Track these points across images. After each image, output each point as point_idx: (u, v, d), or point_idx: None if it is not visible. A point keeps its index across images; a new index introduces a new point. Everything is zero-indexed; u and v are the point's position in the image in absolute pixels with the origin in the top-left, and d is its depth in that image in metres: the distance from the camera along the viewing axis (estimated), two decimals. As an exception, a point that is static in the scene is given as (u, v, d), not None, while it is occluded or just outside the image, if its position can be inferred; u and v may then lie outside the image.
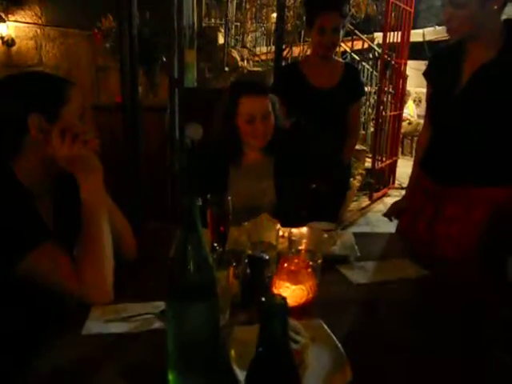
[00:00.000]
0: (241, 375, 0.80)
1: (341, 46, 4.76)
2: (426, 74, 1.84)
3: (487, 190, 1.59)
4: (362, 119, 5.98)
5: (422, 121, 7.77)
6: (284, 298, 0.49)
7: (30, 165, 1.12)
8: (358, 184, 4.70)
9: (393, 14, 5.03)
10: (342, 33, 2.24)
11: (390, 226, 2.07)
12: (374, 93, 5.80)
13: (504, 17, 1.56)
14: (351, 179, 2.41)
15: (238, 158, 1.77)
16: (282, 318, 0.46)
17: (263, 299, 0.49)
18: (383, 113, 5.29)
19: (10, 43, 4.46)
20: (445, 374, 0.90)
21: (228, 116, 1.70)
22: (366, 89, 5.97)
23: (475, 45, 1.57)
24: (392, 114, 5.42)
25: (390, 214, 1.99)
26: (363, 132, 5.97)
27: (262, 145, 1.73)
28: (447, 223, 1.65)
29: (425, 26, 7.96)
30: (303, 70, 2.30)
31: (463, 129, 1.61)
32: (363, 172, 5.04)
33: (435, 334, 1.03)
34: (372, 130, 5.76)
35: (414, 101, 8.30)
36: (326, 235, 1.29)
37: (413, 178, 1.93)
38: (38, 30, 4.50)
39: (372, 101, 5.93)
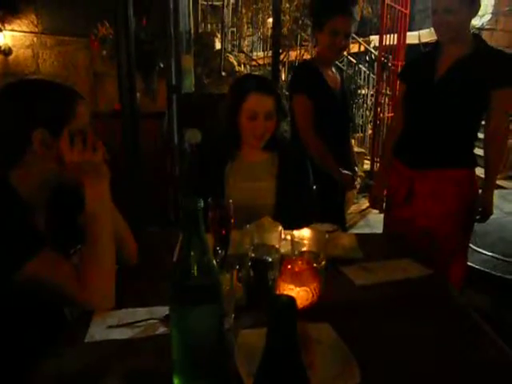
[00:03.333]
0: (247, 379, 0.79)
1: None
2: (400, 75, 2.21)
3: (451, 171, 1.89)
4: (360, 121, 6.00)
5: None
6: (292, 298, 0.48)
7: (29, 177, 1.10)
8: (358, 186, 4.69)
9: (388, 16, 5.05)
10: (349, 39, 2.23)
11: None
12: (372, 95, 5.81)
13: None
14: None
15: (235, 153, 1.76)
16: (291, 317, 0.45)
17: (271, 299, 0.48)
18: (381, 114, 5.29)
19: (6, 52, 4.46)
20: (453, 375, 0.89)
21: (231, 110, 1.69)
22: (363, 91, 6.02)
23: (451, 47, 1.85)
24: (390, 115, 5.41)
25: (374, 205, 2.29)
26: (361, 134, 5.97)
27: (258, 145, 1.73)
28: (420, 200, 1.95)
29: (420, 28, 7.99)
30: (320, 69, 2.25)
31: (435, 117, 1.88)
32: (362, 174, 5.04)
33: (443, 334, 1.02)
34: (370, 132, 5.77)
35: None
36: (328, 236, 1.28)
37: (384, 164, 2.24)
38: (35, 39, 4.50)
39: (369, 103, 5.94)
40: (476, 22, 7.17)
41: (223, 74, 5.17)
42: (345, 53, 5.63)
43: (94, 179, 1.10)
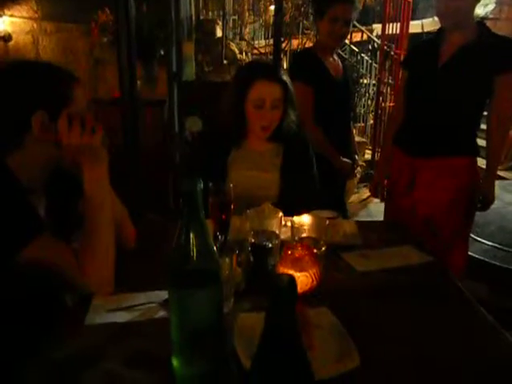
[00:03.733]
0: (246, 361, 0.79)
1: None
2: (403, 63, 2.16)
3: (453, 159, 1.89)
4: (362, 111, 5.96)
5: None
6: (293, 277, 0.47)
7: (28, 161, 1.09)
8: (358, 176, 4.68)
9: (391, 5, 5.00)
10: (350, 26, 2.23)
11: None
12: (374, 85, 5.77)
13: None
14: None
15: (240, 141, 1.74)
16: (292, 294, 0.45)
17: (273, 277, 0.48)
18: (383, 104, 5.27)
19: (6, 38, 4.43)
20: (451, 358, 0.89)
21: (237, 97, 1.65)
22: (365, 80, 5.98)
23: (454, 33, 1.84)
24: (392, 105, 5.38)
25: (375, 193, 2.27)
26: (362, 124, 5.95)
27: (263, 136, 1.70)
28: (422, 188, 1.94)
29: (423, 17, 7.92)
30: (321, 58, 2.25)
31: (438, 102, 1.87)
32: (363, 164, 5.02)
33: (443, 319, 1.02)
34: (372, 121, 5.74)
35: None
36: (328, 223, 1.28)
37: (385, 152, 2.24)
38: (35, 25, 4.46)
39: (371, 92, 5.90)
40: (480, 11, 7.09)
41: (225, 62, 5.13)
42: (347, 41, 5.61)
43: (92, 162, 1.09)
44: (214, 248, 0.73)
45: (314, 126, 2.14)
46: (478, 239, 3.44)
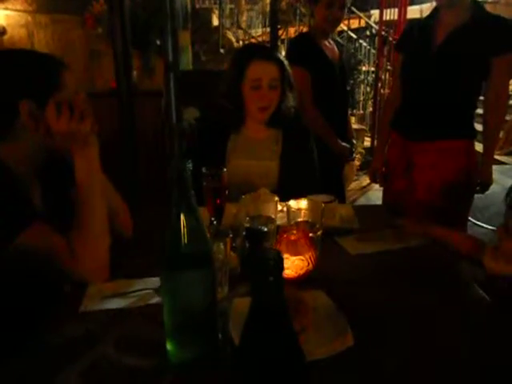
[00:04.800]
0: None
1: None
2: (397, 46, 2.14)
3: (450, 142, 1.87)
4: (361, 98, 5.93)
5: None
6: (279, 252, 0.46)
7: (18, 150, 1.08)
8: (358, 163, 4.66)
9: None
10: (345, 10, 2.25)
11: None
12: (373, 72, 5.72)
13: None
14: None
15: (238, 125, 1.71)
16: (277, 271, 0.44)
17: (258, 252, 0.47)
18: (381, 90, 5.23)
19: (1, 32, 4.39)
20: (446, 337, 0.88)
21: (234, 79, 1.64)
22: (363, 67, 5.94)
23: (448, 13, 1.82)
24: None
25: (374, 178, 2.24)
26: (361, 111, 5.91)
27: (262, 118, 1.68)
28: (420, 172, 1.93)
29: (422, 2, 7.84)
30: (318, 42, 2.25)
31: (435, 85, 1.85)
32: (363, 151, 5.01)
33: (440, 301, 1.02)
34: (371, 109, 5.70)
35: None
36: (324, 207, 1.27)
37: (383, 137, 2.21)
38: (29, 18, 4.42)
39: (370, 79, 5.86)
40: (479, -6, 7.02)
41: (221, 50, 5.10)
42: (345, 27, 5.56)
43: (82, 149, 1.08)
44: (205, 229, 0.72)
45: (313, 108, 2.13)
46: (478, 223, 3.44)
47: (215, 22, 5.30)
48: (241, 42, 5.59)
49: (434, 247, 1.29)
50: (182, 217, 0.71)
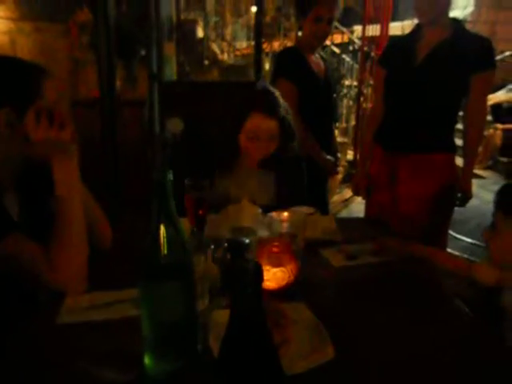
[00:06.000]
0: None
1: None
2: (380, 61, 2.15)
3: (432, 155, 1.90)
4: (344, 112, 6.00)
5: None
6: (258, 263, 0.46)
7: None
8: (340, 176, 4.70)
9: (372, 6, 5.04)
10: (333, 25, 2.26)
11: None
12: (355, 87, 5.80)
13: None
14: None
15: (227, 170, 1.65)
16: (256, 282, 0.44)
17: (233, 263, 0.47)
18: (364, 105, 5.30)
19: (-17, 38, 4.33)
20: (428, 352, 0.89)
21: (232, 128, 1.60)
22: (346, 82, 6.02)
23: (430, 30, 1.86)
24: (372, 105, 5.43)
25: (356, 191, 2.26)
26: (344, 125, 5.98)
27: (254, 166, 1.64)
28: (402, 184, 1.95)
29: (404, 19, 8.00)
30: (305, 56, 2.25)
31: (415, 101, 1.89)
32: (346, 164, 5.06)
33: (419, 314, 1.02)
34: (353, 122, 5.77)
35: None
36: (306, 219, 1.27)
37: (366, 150, 2.23)
38: (12, 25, 4.38)
39: (353, 93, 5.94)
40: (459, 13, 7.23)
41: (206, 62, 5.12)
42: (328, 42, 5.63)
43: (62, 159, 1.06)
44: (185, 239, 0.72)
45: (298, 121, 2.14)
46: (458, 236, 3.49)
47: (200, 33, 5.32)
48: (225, 54, 5.62)
49: (415, 261, 1.29)
50: (162, 227, 0.70)
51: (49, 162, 1.06)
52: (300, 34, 2.45)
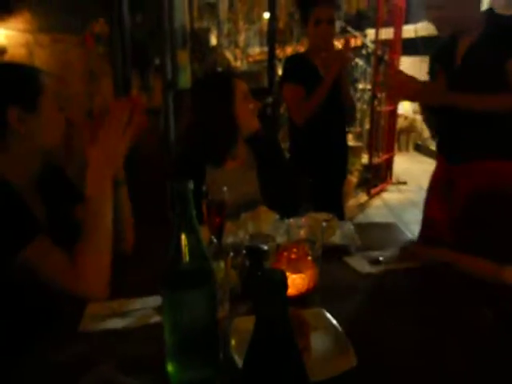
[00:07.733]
0: (241, 365, 0.77)
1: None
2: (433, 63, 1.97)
3: (489, 163, 1.69)
4: (358, 115, 5.97)
5: (417, 116, 7.76)
6: (283, 272, 0.46)
7: (13, 160, 1.10)
8: (355, 180, 4.68)
9: (385, 10, 5.03)
10: (336, 24, 2.35)
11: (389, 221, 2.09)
12: (369, 90, 5.78)
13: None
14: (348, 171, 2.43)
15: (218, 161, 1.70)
16: (282, 291, 0.44)
17: (261, 273, 0.47)
18: (378, 108, 5.28)
19: (1, 51, 4.43)
20: (453, 361, 0.87)
21: (222, 100, 1.64)
22: (360, 85, 6.01)
23: (464, 37, 1.74)
24: (387, 109, 5.40)
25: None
26: (359, 128, 5.96)
27: (257, 126, 1.69)
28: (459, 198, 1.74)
29: (417, 22, 7.96)
30: (313, 61, 2.33)
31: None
32: (360, 168, 5.03)
33: (443, 321, 1.01)
34: (368, 127, 5.75)
35: (409, 96, 8.27)
36: (324, 224, 1.27)
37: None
38: (30, 37, 4.47)
39: (366, 97, 5.92)
40: None
41: (219, 69, 5.15)
42: (341, 46, 5.62)
43: (106, 164, 1.09)
44: (205, 247, 0.72)
45: (303, 104, 2.21)
46: None
47: (213, 41, 5.37)
48: (238, 61, 5.65)
49: (441, 267, 1.24)
50: (183, 236, 0.71)
51: (67, 160, 1.09)
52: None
